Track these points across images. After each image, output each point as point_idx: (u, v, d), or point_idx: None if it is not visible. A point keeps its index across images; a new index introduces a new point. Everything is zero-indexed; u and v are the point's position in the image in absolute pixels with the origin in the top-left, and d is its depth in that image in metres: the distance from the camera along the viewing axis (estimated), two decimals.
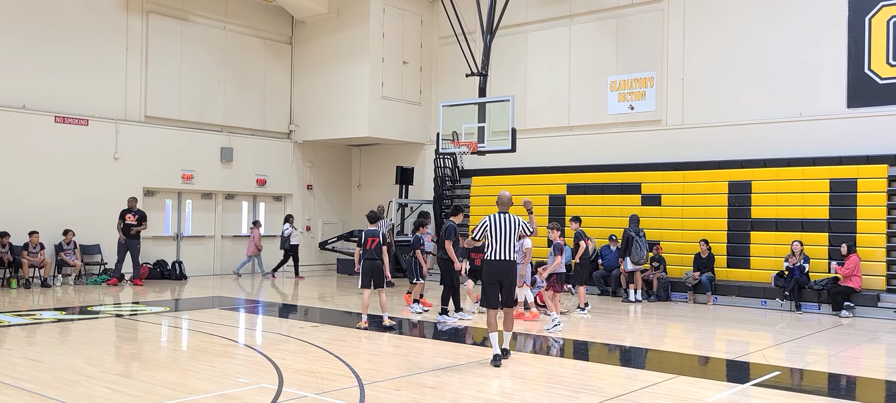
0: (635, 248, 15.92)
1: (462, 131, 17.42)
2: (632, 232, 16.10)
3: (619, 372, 9.18)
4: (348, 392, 7.46)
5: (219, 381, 7.88)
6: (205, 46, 20.86)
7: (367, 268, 11.71)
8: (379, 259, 11.66)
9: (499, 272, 9.08)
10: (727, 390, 8.04)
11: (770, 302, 15.25)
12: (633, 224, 16.31)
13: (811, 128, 16.36)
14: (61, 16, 18.13)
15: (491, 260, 9.11)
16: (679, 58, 18.19)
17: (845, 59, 16.02)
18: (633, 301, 15.92)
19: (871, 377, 9.27)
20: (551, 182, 19.41)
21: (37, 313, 12.93)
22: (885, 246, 14.93)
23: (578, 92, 19.71)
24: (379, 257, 11.66)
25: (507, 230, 9.05)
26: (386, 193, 22.67)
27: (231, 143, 21.37)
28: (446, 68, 22.09)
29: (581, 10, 19.73)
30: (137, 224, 17.94)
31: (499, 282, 9.09)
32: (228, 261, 21.63)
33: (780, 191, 16.24)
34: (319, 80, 22.25)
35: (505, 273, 9.09)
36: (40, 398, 7.05)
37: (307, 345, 10.11)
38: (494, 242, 9.07)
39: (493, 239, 9.07)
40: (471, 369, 8.79)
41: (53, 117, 17.90)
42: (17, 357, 9.05)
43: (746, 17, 17.32)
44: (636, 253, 15.91)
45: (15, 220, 16.95)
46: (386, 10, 21.43)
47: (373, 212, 12.19)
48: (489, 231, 9.09)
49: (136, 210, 18.04)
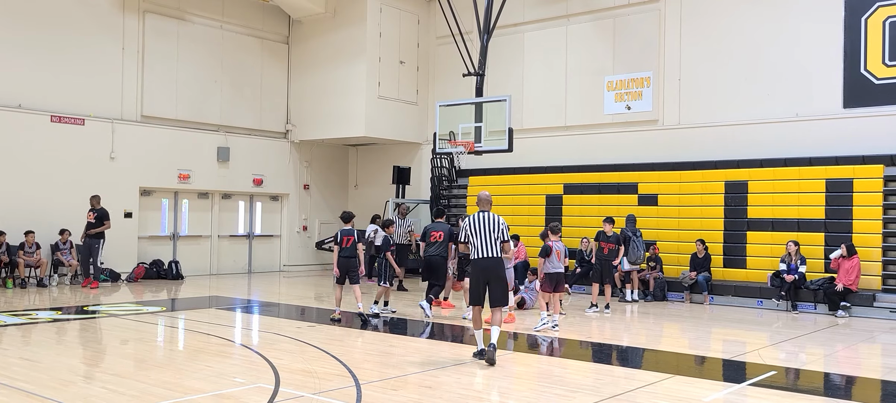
0: (632, 248, 15.92)
1: (459, 131, 17.41)
2: (628, 232, 16.11)
3: (615, 372, 9.19)
4: (345, 392, 7.45)
5: (215, 381, 7.87)
6: (201, 46, 20.84)
7: (342, 265, 12.44)
8: (354, 256, 12.44)
9: (484, 270, 9.15)
10: (723, 389, 8.05)
11: (766, 301, 15.27)
12: (630, 224, 16.33)
13: (807, 128, 16.39)
14: (57, 15, 18.10)
15: (475, 260, 9.21)
16: (675, 58, 18.21)
17: (841, 59, 16.06)
18: (629, 300, 15.94)
19: (867, 376, 9.29)
20: (548, 182, 19.41)
21: (33, 313, 12.90)
22: (880, 246, 14.95)
23: (575, 92, 19.72)
24: (354, 254, 12.43)
25: (486, 228, 9.12)
26: (383, 193, 22.66)
27: (228, 143, 21.35)
28: (443, 68, 22.10)
29: (578, 10, 19.74)
30: (97, 223, 16.94)
31: (485, 281, 9.15)
32: (225, 261, 21.61)
33: (776, 191, 16.26)
34: (316, 80, 22.24)
35: (490, 271, 9.15)
36: (36, 398, 7.04)
37: (304, 345, 10.10)
38: (477, 241, 9.17)
39: (475, 238, 9.17)
40: (468, 369, 8.79)
41: (49, 117, 17.87)
42: (13, 357, 9.03)
43: (743, 17, 17.34)
44: (633, 253, 15.91)
45: (10, 220, 16.91)
46: (383, 9, 21.43)
47: (346, 213, 12.92)
48: (470, 231, 9.18)
49: (98, 209, 17.13)
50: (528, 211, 19.45)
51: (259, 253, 22.60)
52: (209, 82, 21.04)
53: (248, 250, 22.40)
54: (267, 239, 22.83)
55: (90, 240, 17.03)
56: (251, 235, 22.49)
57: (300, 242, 23.18)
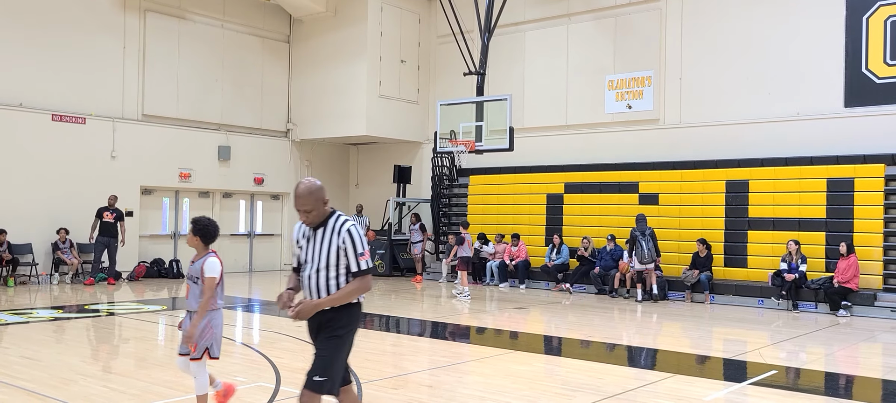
0: (637, 248, 15.93)
1: (460, 130, 17.42)
2: (636, 232, 16.10)
3: (616, 371, 9.18)
4: None
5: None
6: (202, 45, 20.84)
7: None
8: None
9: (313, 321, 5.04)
10: (724, 388, 8.05)
11: (767, 301, 15.26)
12: (640, 223, 16.26)
13: (808, 127, 16.38)
14: (58, 13, 18.10)
15: None
16: (677, 57, 18.20)
17: (843, 58, 16.04)
18: (639, 300, 15.88)
19: (867, 376, 9.29)
20: (549, 181, 19.41)
21: (33, 311, 12.91)
22: (881, 246, 14.95)
23: (576, 91, 19.71)
24: None
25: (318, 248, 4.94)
26: (383, 192, 22.67)
27: (228, 142, 21.35)
28: (444, 67, 22.09)
29: (579, 9, 19.73)
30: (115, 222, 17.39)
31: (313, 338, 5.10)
32: (225, 260, 21.45)
33: (777, 191, 16.25)
34: (317, 79, 22.24)
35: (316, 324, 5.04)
36: (37, 396, 7.04)
37: (304, 344, 10.06)
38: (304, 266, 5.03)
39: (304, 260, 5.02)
40: (468, 368, 8.79)
41: (50, 115, 17.87)
42: (14, 355, 9.04)
43: (744, 16, 17.33)
44: (638, 253, 15.91)
45: (12, 218, 16.92)
46: (384, 8, 21.43)
47: None
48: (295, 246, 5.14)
49: (114, 208, 17.47)
50: (529, 210, 19.45)
51: (260, 252, 22.61)
52: (210, 81, 21.04)
53: (248, 249, 22.41)
54: (268, 238, 22.83)
55: (108, 239, 17.33)
56: (252, 234, 22.50)
57: None
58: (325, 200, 4.99)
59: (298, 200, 4.93)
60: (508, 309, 14.64)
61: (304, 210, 4.93)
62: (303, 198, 4.92)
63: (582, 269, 17.46)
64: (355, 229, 4.97)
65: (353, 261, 4.93)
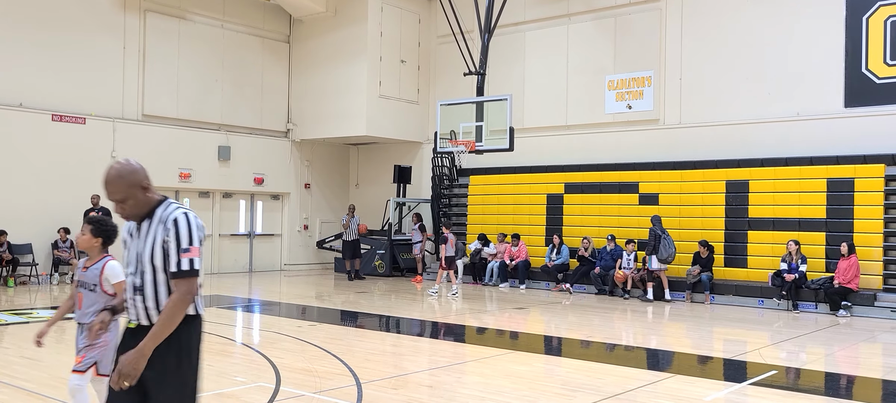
0: (664, 246, 15.90)
1: (460, 130, 17.42)
2: (658, 231, 16.09)
3: (616, 371, 9.17)
4: (346, 391, 7.45)
5: (216, 380, 7.86)
6: (202, 45, 20.84)
7: None
8: None
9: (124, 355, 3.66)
10: (724, 389, 8.05)
11: (767, 301, 15.26)
12: (657, 223, 16.25)
13: (808, 127, 16.38)
14: (58, 14, 18.10)
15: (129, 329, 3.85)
16: (677, 57, 18.20)
17: (843, 58, 16.04)
18: (650, 299, 15.85)
19: (867, 376, 9.29)
20: (549, 181, 19.41)
21: (33, 311, 12.91)
22: (881, 246, 14.95)
23: (576, 91, 19.71)
24: None
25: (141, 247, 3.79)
26: (384, 192, 22.66)
27: (228, 142, 21.35)
28: (444, 67, 22.09)
29: (579, 9, 19.73)
30: None
31: None
32: (225, 260, 21.62)
33: (777, 191, 16.25)
34: (317, 79, 22.24)
35: None
36: (37, 396, 7.04)
37: (304, 344, 10.10)
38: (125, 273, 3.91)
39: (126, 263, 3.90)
40: (468, 368, 8.79)
41: (50, 115, 17.87)
42: (14, 355, 9.04)
43: (744, 16, 17.33)
44: (665, 250, 15.89)
45: (12, 218, 16.92)
46: (384, 8, 21.43)
47: None
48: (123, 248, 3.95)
49: (99, 208, 17.13)
50: (530, 211, 19.45)
51: (260, 253, 22.61)
52: (210, 81, 21.04)
53: (248, 249, 22.41)
54: (268, 238, 22.83)
55: None
56: (252, 234, 22.50)
57: (301, 241, 23.18)
58: (143, 185, 3.74)
59: (107, 187, 3.72)
60: (508, 309, 14.64)
61: (116, 200, 3.73)
62: (112, 185, 3.71)
63: (582, 269, 17.47)
64: (186, 217, 3.69)
65: (172, 259, 3.64)
